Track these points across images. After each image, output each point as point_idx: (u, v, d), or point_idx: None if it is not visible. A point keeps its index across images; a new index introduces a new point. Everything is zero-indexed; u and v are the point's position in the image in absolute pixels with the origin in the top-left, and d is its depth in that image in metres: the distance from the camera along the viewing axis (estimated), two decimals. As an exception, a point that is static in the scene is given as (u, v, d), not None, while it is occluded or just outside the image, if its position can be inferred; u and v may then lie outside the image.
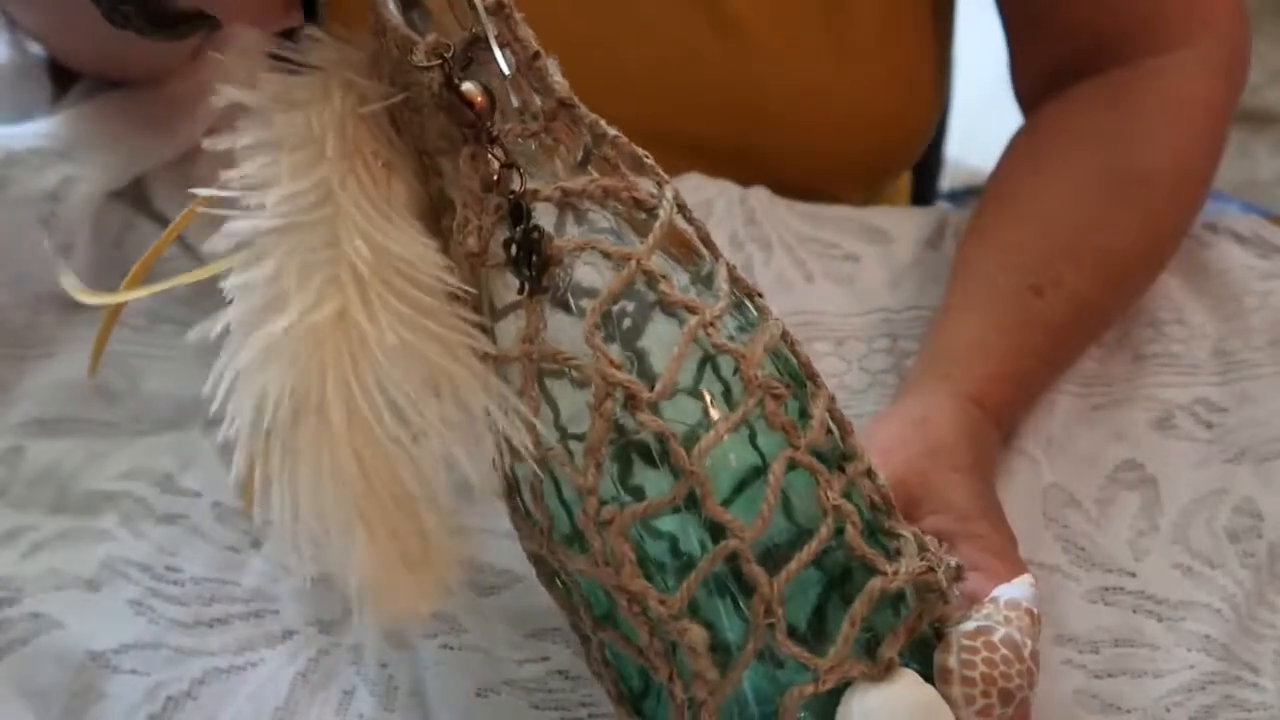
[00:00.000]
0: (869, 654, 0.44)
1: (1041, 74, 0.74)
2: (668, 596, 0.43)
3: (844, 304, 0.70)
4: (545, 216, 0.46)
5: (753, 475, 0.45)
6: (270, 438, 0.43)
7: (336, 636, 0.57)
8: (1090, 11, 0.72)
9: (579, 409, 0.44)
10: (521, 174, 0.45)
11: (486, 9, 0.45)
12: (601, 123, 0.47)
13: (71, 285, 0.49)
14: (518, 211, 0.45)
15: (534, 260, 0.44)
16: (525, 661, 0.55)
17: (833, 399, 0.47)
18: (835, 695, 0.44)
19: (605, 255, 0.45)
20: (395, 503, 0.44)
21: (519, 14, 0.46)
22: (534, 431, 0.44)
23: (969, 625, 0.46)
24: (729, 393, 0.45)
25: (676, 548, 0.45)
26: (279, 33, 0.48)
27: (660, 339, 0.45)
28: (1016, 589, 0.48)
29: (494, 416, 0.44)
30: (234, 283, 0.45)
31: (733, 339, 0.45)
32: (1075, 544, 0.60)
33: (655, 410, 0.43)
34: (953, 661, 0.45)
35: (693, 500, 0.43)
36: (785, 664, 0.44)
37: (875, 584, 0.44)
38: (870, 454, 0.47)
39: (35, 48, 0.78)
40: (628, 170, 0.47)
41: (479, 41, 0.45)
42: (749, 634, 0.43)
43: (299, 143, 0.45)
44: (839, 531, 0.44)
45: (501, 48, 0.45)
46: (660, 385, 0.43)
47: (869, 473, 0.47)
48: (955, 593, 0.47)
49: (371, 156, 0.46)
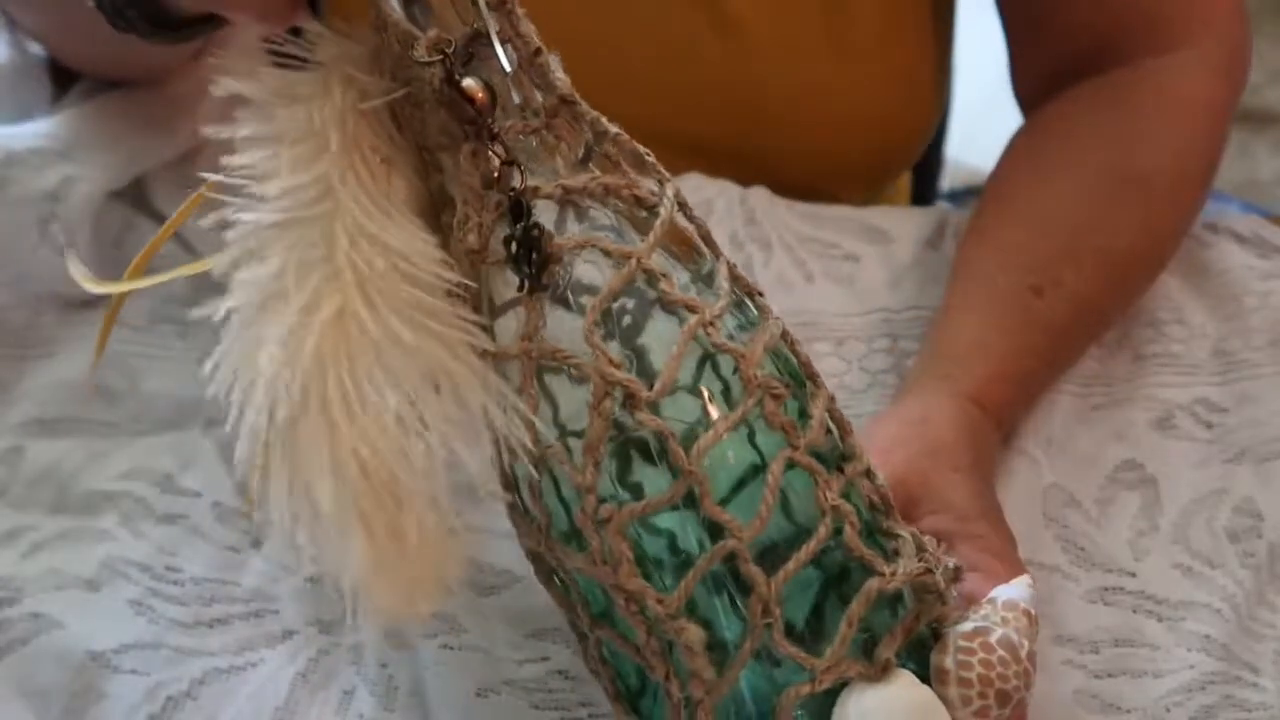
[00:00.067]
0: (866, 654, 0.44)
1: (1042, 74, 0.74)
2: (665, 595, 0.43)
3: (844, 304, 0.70)
4: (546, 214, 0.45)
5: (751, 474, 0.45)
6: (269, 435, 0.43)
7: (336, 636, 0.57)
8: (1090, 12, 0.72)
9: (578, 406, 0.44)
10: (522, 171, 0.45)
11: (488, 4, 0.45)
12: (603, 120, 0.47)
13: (79, 273, 0.49)
14: (518, 209, 0.45)
15: (534, 258, 0.44)
16: (525, 661, 0.55)
17: (832, 399, 0.47)
18: (832, 695, 0.44)
19: (606, 253, 0.45)
20: (394, 501, 0.44)
21: (520, 9, 0.46)
22: (532, 429, 0.44)
23: (966, 626, 0.46)
24: (728, 391, 0.45)
25: (674, 545, 0.45)
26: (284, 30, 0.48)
27: (660, 337, 0.45)
28: (1014, 590, 0.48)
29: (492, 414, 0.44)
30: (232, 278, 0.45)
31: (733, 338, 0.45)
32: (1075, 544, 0.60)
33: (654, 409, 0.43)
34: (949, 662, 0.45)
35: (691, 499, 0.43)
36: (782, 663, 0.44)
37: (872, 585, 0.44)
38: (869, 454, 0.47)
39: (35, 48, 0.78)
40: (629, 168, 0.47)
41: (480, 37, 0.45)
42: (746, 633, 0.43)
43: (299, 137, 0.45)
44: (837, 531, 0.44)
45: (503, 44, 0.45)
46: (659, 384, 0.43)
47: (868, 473, 0.47)
48: (953, 594, 0.47)
49: (371, 152, 0.46)
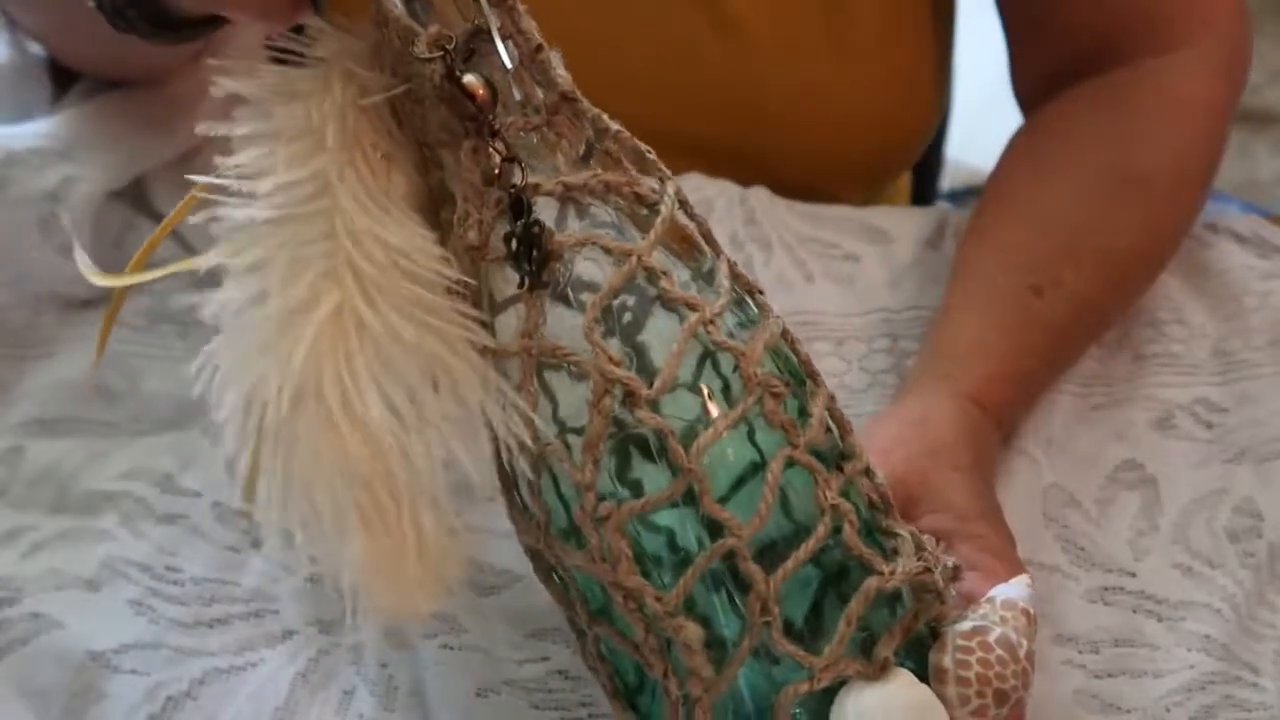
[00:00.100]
0: (865, 653, 0.44)
1: (1042, 74, 0.74)
2: (664, 593, 0.43)
3: (844, 304, 0.70)
4: (546, 211, 0.45)
5: (751, 472, 0.45)
6: (264, 431, 0.43)
7: (336, 636, 0.57)
8: (1091, 12, 0.72)
9: (578, 404, 0.44)
10: (523, 168, 0.45)
11: (489, 1, 0.45)
12: (604, 117, 0.47)
13: (84, 265, 0.49)
14: (518, 206, 0.45)
15: (534, 255, 0.44)
16: (525, 661, 0.55)
17: (832, 397, 0.47)
18: (831, 694, 0.44)
19: (606, 250, 0.45)
20: (393, 499, 0.43)
21: (522, 6, 0.46)
22: (531, 427, 0.44)
23: (965, 625, 0.46)
24: (728, 389, 0.45)
25: (674, 543, 0.45)
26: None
27: (660, 335, 0.45)
28: (1013, 589, 0.48)
29: (491, 411, 0.44)
30: (228, 273, 0.44)
31: (733, 336, 0.45)
32: (1075, 544, 0.60)
33: (654, 407, 0.43)
34: (948, 661, 0.45)
35: (690, 496, 0.43)
36: (781, 661, 0.44)
37: (871, 583, 0.44)
38: (869, 453, 0.47)
39: (35, 48, 0.78)
40: (630, 165, 0.47)
41: (481, 33, 0.45)
42: (745, 631, 0.43)
43: (297, 133, 0.45)
44: (836, 530, 0.44)
45: (504, 40, 0.45)
46: (659, 382, 0.43)
47: (867, 471, 0.47)
48: (952, 593, 0.47)
49: (371, 148, 0.46)
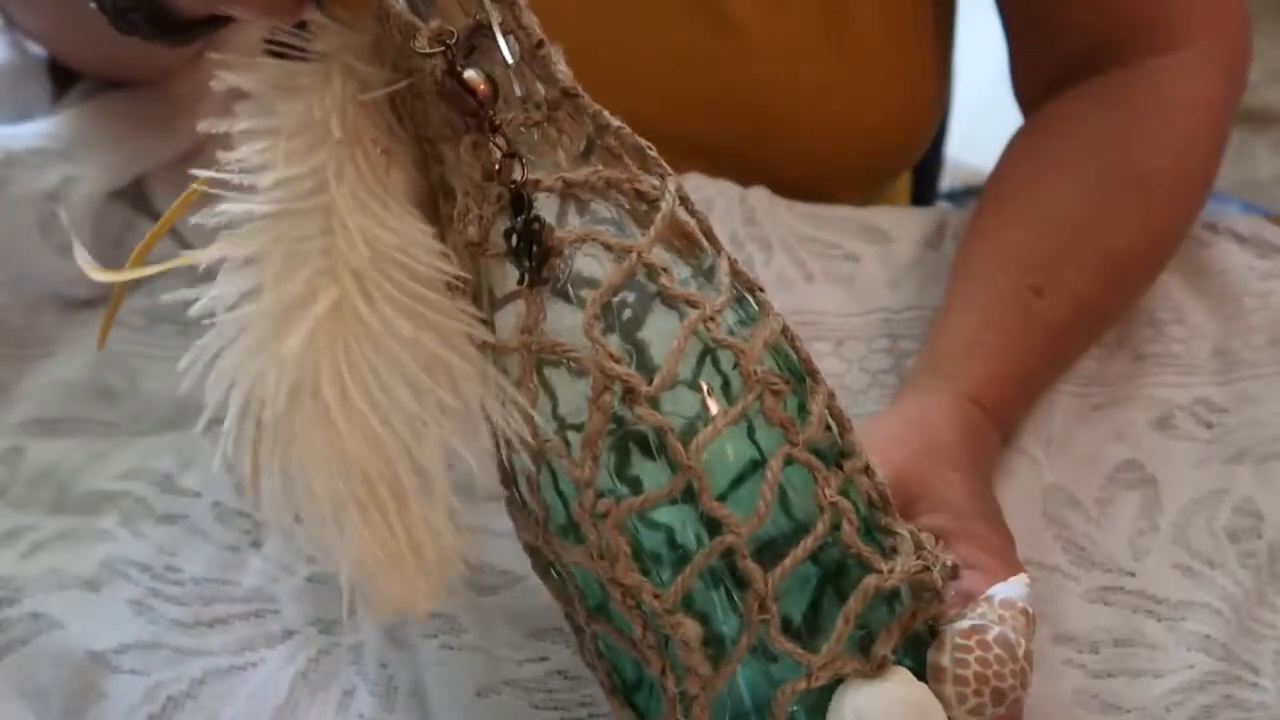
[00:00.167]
0: (863, 651, 0.44)
1: (1042, 74, 0.74)
2: (662, 590, 0.43)
3: (844, 304, 0.70)
4: (547, 207, 0.45)
5: (751, 470, 0.45)
6: (261, 427, 0.43)
7: (336, 636, 0.57)
8: (1091, 12, 0.72)
9: (578, 400, 0.44)
10: (523, 164, 0.45)
11: None
12: (605, 113, 0.46)
13: (83, 260, 0.49)
14: (519, 201, 0.45)
15: (534, 251, 0.44)
16: (525, 661, 0.55)
17: (832, 395, 0.47)
18: (828, 692, 0.44)
19: (606, 247, 0.45)
20: (392, 494, 0.43)
21: (523, 1, 0.45)
22: (530, 423, 0.44)
23: (963, 624, 0.46)
24: (728, 387, 0.45)
25: (673, 540, 0.45)
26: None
27: (660, 331, 0.45)
28: (1012, 588, 0.48)
29: (490, 407, 0.44)
30: (224, 267, 0.44)
31: (733, 333, 0.45)
32: (1075, 544, 0.60)
33: (653, 404, 0.43)
34: (946, 660, 0.45)
35: (690, 494, 0.43)
36: (779, 659, 0.44)
37: (870, 582, 0.44)
38: (867, 451, 0.47)
39: (35, 48, 0.78)
40: (631, 162, 0.46)
41: (482, 29, 0.45)
42: (743, 629, 0.43)
43: (297, 129, 0.45)
44: (835, 528, 0.44)
45: (505, 35, 0.45)
46: (659, 379, 0.43)
47: (867, 470, 0.46)
48: (950, 591, 0.47)
49: (371, 144, 0.45)
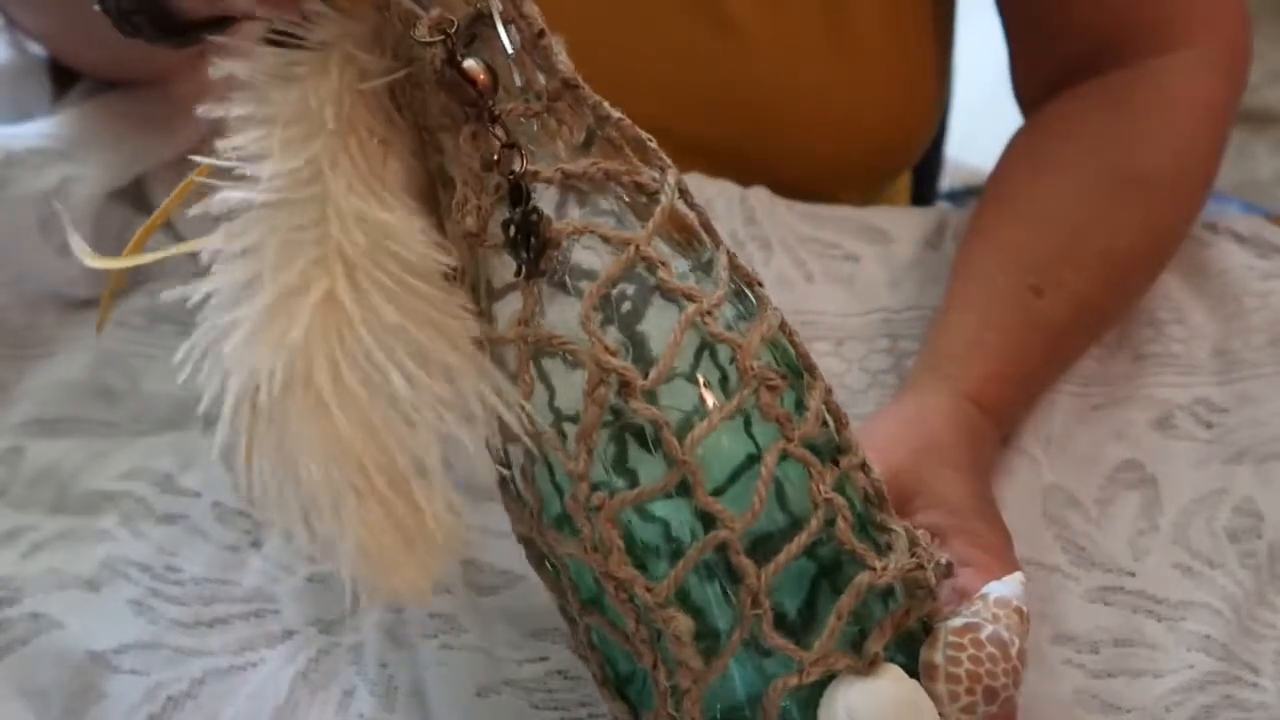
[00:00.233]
0: (857, 648, 0.44)
1: (1042, 74, 0.74)
2: (654, 584, 0.43)
3: (844, 304, 0.70)
4: (547, 198, 0.45)
5: (748, 464, 0.45)
6: (256, 415, 0.43)
7: (336, 636, 0.57)
8: (1091, 13, 0.72)
9: (575, 392, 0.44)
10: (522, 154, 0.45)
11: None
12: (605, 104, 0.46)
13: (80, 249, 0.49)
14: (517, 192, 0.44)
15: (532, 243, 0.44)
16: (525, 661, 0.55)
17: (829, 390, 0.47)
18: (821, 687, 0.44)
19: (604, 239, 0.45)
20: (388, 482, 0.43)
21: None
22: (525, 415, 0.44)
23: (957, 621, 0.46)
24: (726, 381, 0.45)
25: (669, 532, 0.44)
26: None
27: (660, 325, 0.45)
28: (1006, 587, 0.48)
29: (485, 398, 0.44)
30: (219, 257, 0.44)
31: (731, 328, 0.45)
32: (1075, 544, 0.60)
33: (649, 398, 0.43)
34: (938, 657, 0.45)
35: (685, 488, 0.43)
36: (773, 654, 0.44)
37: (863, 579, 0.44)
38: (864, 449, 0.47)
39: (35, 48, 0.78)
40: (631, 153, 0.46)
41: (483, 18, 0.44)
42: (735, 624, 0.43)
43: (293, 118, 0.44)
44: (830, 524, 0.44)
45: (506, 25, 0.44)
46: (654, 373, 0.43)
47: (863, 466, 0.46)
48: (945, 589, 0.47)
49: (368, 133, 0.45)
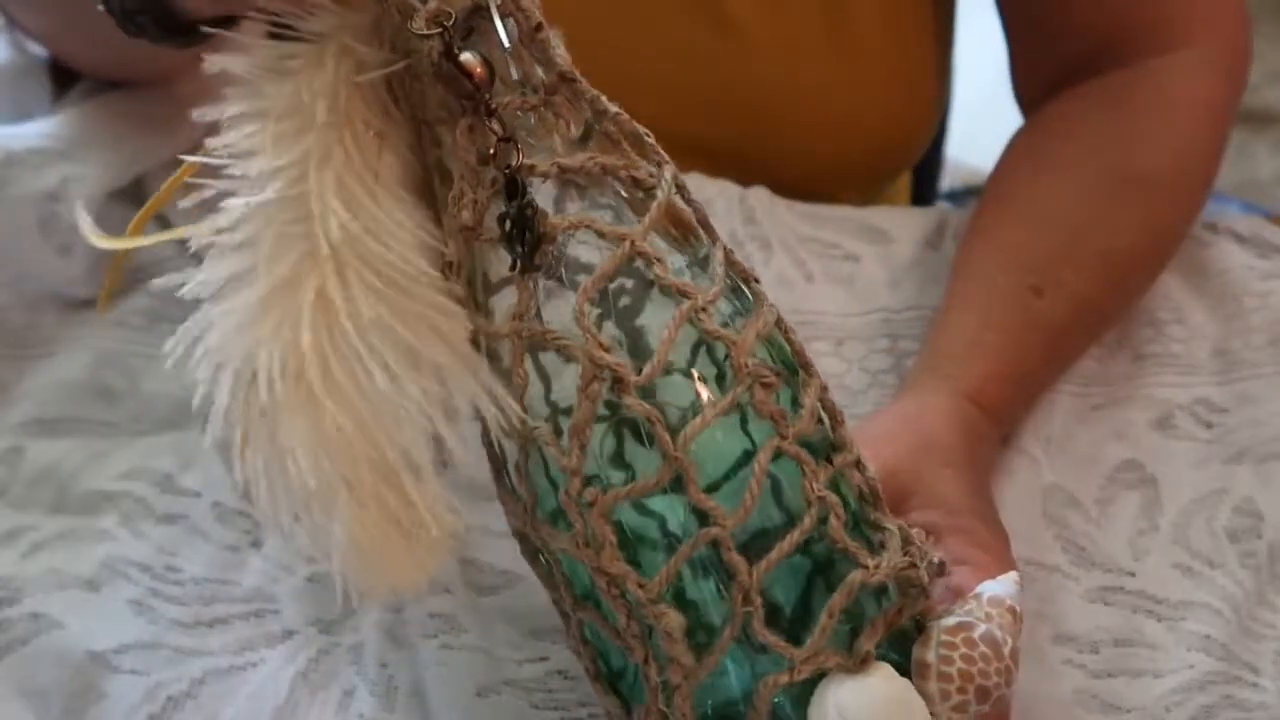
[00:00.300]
0: (849, 645, 0.44)
1: (1042, 74, 0.74)
2: (646, 581, 0.43)
3: (844, 304, 0.70)
4: (544, 192, 0.45)
5: (744, 461, 0.45)
6: (248, 409, 0.43)
7: (336, 636, 0.57)
8: (1091, 13, 0.72)
9: (572, 386, 0.44)
10: (519, 148, 0.44)
11: None
12: (603, 99, 0.46)
13: (86, 227, 0.49)
14: (513, 186, 0.44)
15: (527, 237, 0.44)
16: (525, 661, 0.55)
17: (825, 388, 0.47)
18: (813, 685, 0.44)
19: (600, 234, 0.44)
20: (379, 474, 0.43)
21: None
22: (517, 410, 0.44)
23: (950, 620, 0.46)
24: (723, 378, 0.45)
25: (665, 527, 0.44)
26: None
27: (657, 319, 0.45)
28: (1001, 586, 0.48)
29: (477, 393, 0.44)
30: (212, 250, 0.44)
31: (727, 324, 0.45)
32: (1075, 544, 0.60)
33: (642, 394, 0.43)
34: (931, 656, 0.45)
35: (679, 484, 0.43)
36: (764, 651, 0.44)
37: (855, 577, 0.44)
38: (862, 447, 0.47)
39: (35, 48, 0.78)
40: (629, 148, 0.46)
41: (481, 10, 0.44)
42: (727, 620, 0.43)
43: (285, 112, 0.44)
44: (823, 522, 0.44)
45: (503, 18, 0.44)
46: (648, 369, 0.43)
47: (858, 464, 0.46)
48: (939, 588, 0.47)
49: (363, 126, 0.45)
